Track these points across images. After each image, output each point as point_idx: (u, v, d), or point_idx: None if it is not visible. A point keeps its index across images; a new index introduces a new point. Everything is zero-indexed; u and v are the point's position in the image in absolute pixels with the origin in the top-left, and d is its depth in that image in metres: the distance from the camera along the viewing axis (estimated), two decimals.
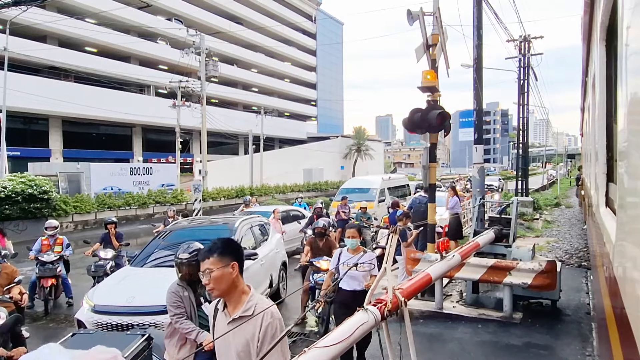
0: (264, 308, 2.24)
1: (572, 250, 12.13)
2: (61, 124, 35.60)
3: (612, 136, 3.20)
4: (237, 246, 2.40)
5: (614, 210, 2.74)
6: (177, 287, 4.04)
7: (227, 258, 2.25)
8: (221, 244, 2.30)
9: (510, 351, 5.82)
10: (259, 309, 2.23)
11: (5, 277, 5.12)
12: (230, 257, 2.27)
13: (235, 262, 2.27)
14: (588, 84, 5.84)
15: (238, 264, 2.29)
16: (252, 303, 2.26)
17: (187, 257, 4.05)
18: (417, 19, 7.57)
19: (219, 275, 2.22)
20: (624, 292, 1.84)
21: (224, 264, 2.23)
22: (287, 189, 36.44)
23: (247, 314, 2.24)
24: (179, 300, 3.97)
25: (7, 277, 5.13)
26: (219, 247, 2.28)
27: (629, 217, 1.69)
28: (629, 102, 1.64)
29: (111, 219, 9.53)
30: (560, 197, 29.19)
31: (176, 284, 4.07)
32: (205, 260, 2.26)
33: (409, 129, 7.73)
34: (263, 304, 2.28)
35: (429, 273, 4.39)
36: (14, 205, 17.00)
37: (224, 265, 2.23)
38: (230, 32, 46.68)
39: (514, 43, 23.41)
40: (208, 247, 2.29)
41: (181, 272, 4.10)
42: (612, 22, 2.68)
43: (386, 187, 19.26)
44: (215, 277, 2.22)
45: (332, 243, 7.19)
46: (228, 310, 2.32)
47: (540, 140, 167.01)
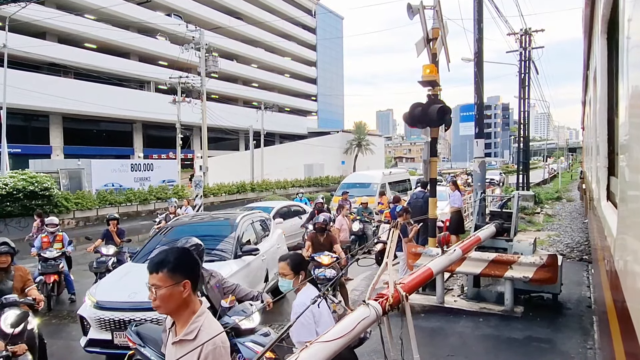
0: (209, 333, 1.96)
1: (573, 244, 12.14)
2: (62, 121, 35.60)
3: (613, 129, 3.19)
4: (191, 261, 2.08)
5: (615, 204, 2.74)
6: None
7: (179, 275, 1.96)
8: (173, 259, 1.99)
9: (511, 345, 5.84)
10: (202, 333, 1.96)
11: (20, 279, 4.93)
12: (182, 274, 1.97)
13: (187, 280, 1.98)
14: (589, 77, 5.82)
15: (191, 282, 2.00)
16: (196, 326, 1.99)
17: None
18: (418, 12, 7.54)
19: (167, 294, 1.94)
20: (625, 286, 1.84)
21: (174, 282, 1.94)
22: (287, 184, 36.45)
23: (188, 338, 1.97)
24: None
25: (21, 279, 4.93)
26: (170, 261, 1.97)
27: (630, 210, 1.69)
28: (630, 96, 1.63)
29: (113, 215, 9.55)
30: (562, 191, 29.18)
31: None
32: (153, 274, 1.96)
33: (410, 124, 7.72)
34: (209, 328, 2.00)
35: (430, 267, 4.40)
36: (15, 203, 17.03)
37: (173, 283, 1.94)
38: (230, 28, 46.55)
39: (514, 36, 23.34)
40: (158, 260, 1.99)
41: None
42: (613, 15, 2.66)
43: (387, 182, 19.26)
44: (162, 295, 1.94)
45: (333, 238, 7.21)
46: (176, 329, 2.06)
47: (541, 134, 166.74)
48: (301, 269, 3.43)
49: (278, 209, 12.70)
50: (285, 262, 3.44)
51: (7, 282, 4.82)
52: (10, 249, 4.89)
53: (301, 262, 3.48)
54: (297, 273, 3.39)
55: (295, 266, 3.41)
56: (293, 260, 3.46)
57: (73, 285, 8.57)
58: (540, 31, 23.77)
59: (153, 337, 4.29)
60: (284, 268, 3.41)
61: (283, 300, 8.02)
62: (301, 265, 3.46)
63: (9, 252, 4.87)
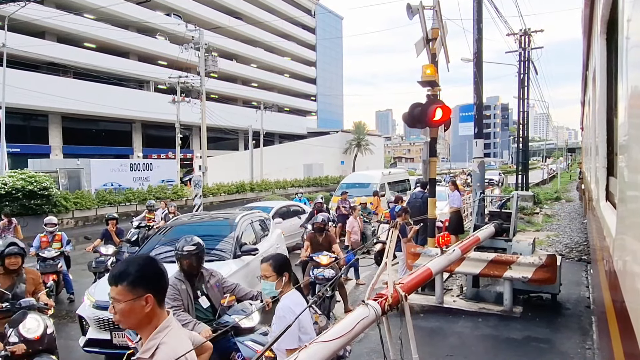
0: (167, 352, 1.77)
1: (572, 244, 12.15)
2: (61, 120, 35.56)
3: (612, 130, 3.20)
4: (155, 273, 1.87)
5: (614, 204, 2.74)
6: (174, 280, 4.09)
7: (140, 289, 1.78)
8: (134, 270, 1.81)
9: (510, 345, 5.84)
10: (160, 351, 1.77)
11: (32, 282, 4.79)
12: (144, 287, 1.79)
13: (149, 294, 1.80)
14: (588, 77, 5.82)
15: (155, 295, 1.81)
16: (154, 343, 1.80)
17: (190, 250, 4.11)
18: (417, 13, 7.54)
19: (127, 308, 1.77)
20: (624, 286, 1.84)
21: (135, 296, 1.77)
22: (287, 184, 36.45)
23: (144, 357, 1.80)
24: (177, 293, 4.03)
25: (33, 282, 4.80)
26: (130, 274, 1.80)
27: (629, 211, 1.69)
28: (629, 96, 1.64)
29: (112, 215, 9.54)
30: (561, 191, 29.20)
31: (174, 277, 4.12)
32: (112, 287, 1.82)
33: (409, 124, 7.72)
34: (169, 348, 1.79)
35: (429, 267, 4.40)
36: (14, 202, 17.01)
37: (134, 297, 1.77)
38: (230, 27, 46.54)
39: (514, 37, 23.36)
40: (118, 271, 1.83)
41: (182, 265, 4.15)
42: (612, 15, 2.67)
43: (386, 182, 19.26)
44: (122, 310, 1.78)
45: (332, 238, 7.21)
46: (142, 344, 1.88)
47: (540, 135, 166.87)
48: (285, 270, 3.23)
49: (277, 209, 12.69)
50: (267, 264, 3.24)
51: (21, 286, 4.70)
52: (21, 250, 4.71)
53: (284, 263, 3.28)
54: (280, 275, 3.19)
55: (278, 267, 3.20)
56: (276, 261, 3.26)
57: (72, 285, 8.56)
58: (540, 31, 23.80)
59: None
60: (267, 270, 3.21)
61: None
62: (285, 266, 3.26)
63: (19, 254, 4.70)
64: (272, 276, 3.20)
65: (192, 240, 4.18)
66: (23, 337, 4.11)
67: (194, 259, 4.16)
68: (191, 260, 4.13)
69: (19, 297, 4.55)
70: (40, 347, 4.18)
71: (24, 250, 4.78)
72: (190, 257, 4.12)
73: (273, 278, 3.20)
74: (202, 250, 4.22)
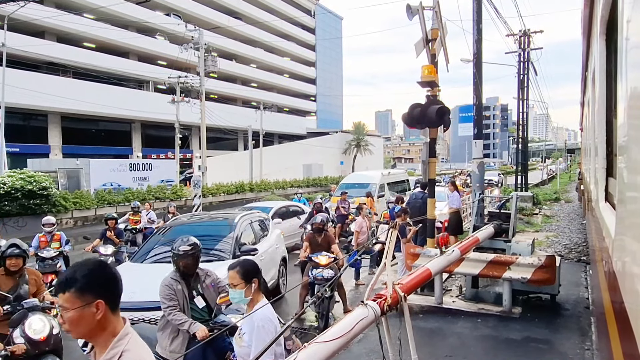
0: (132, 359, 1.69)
1: (571, 245, 12.15)
2: (60, 120, 35.55)
3: (611, 131, 3.20)
4: (106, 278, 1.74)
5: (613, 205, 2.74)
6: (170, 280, 4.09)
7: (89, 295, 1.65)
8: (82, 276, 1.67)
9: (509, 345, 5.84)
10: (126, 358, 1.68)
11: (34, 283, 4.75)
12: (94, 293, 1.66)
13: (100, 299, 1.66)
14: (588, 78, 5.83)
15: (107, 300, 1.68)
16: (117, 351, 1.69)
17: (186, 250, 4.10)
18: (417, 13, 7.55)
19: (76, 317, 1.64)
20: (623, 287, 1.84)
21: (84, 303, 1.64)
22: (286, 184, 36.45)
23: None
24: (172, 293, 4.03)
25: (35, 283, 4.77)
26: (77, 279, 1.66)
27: (629, 211, 1.69)
28: (629, 97, 1.64)
29: (112, 215, 9.53)
30: (560, 192, 29.22)
31: (170, 277, 4.12)
32: (59, 294, 1.68)
33: (409, 124, 7.73)
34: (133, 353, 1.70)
35: (428, 268, 4.41)
36: (13, 202, 17.00)
37: (83, 304, 1.64)
38: (229, 27, 46.57)
39: (513, 37, 23.36)
40: (64, 278, 1.70)
41: (177, 265, 4.14)
42: (612, 16, 2.67)
43: (386, 183, 19.25)
44: (70, 318, 1.64)
45: (331, 238, 7.20)
46: (95, 353, 1.76)
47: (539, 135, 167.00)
48: (253, 277, 3.00)
49: (277, 209, 12.69)
50: (234, 271, 2.99)
51: (24, 287, 4.67)
52: (22, 252, 4.68)
53: (253, 269, 3.05)
54: (249, 282, 2.96)
55: (246, 274, 2.97)
56: (243, 267, 3.02)
57: None
58: (539, 32, 23.80)
59: (148, 336, 4.28)
60: (234, 277, 2.97)
61: (282, 300, 8.02)
62: (253, 272, 3.03)
63: (21, 255, 4.67)
64: (240, 284, 2.97)
65: (189, 241, 4.16)
66: (29, 338, 4.09)
67: (190, 259, 4.15)
68: (187, 260, 4.12)
69: (22, 299, 4.52)
70: (47, 347, 4.16)
71: (25, 252, 4.76)
72: (186, 258, 4.11)
73: (241, 286, 2.97)
74: (198, 251, 4.21)
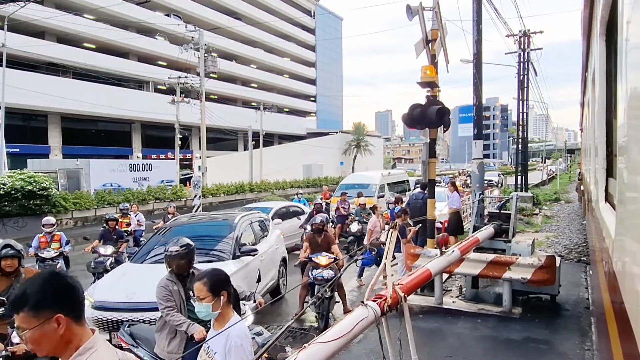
0: None
1: (571, 246, 12.15)
2: (60, 121, 35.55)
3: (611, 131, 3.20)
4: (62, 289, 1.61)
5: (613, 206, 2.74)
6: (166, 282, 4.10)
7: (46, 311, 1.54)
8: (34, 292, 1.55)
9: (509, 346, 5.84)
10: None
11: None
12: (51, 308, 1.54)
13: (60, 314, 1.55)
14: (588, 79, 5.83)
15: (66, 314, 1.57)
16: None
17: (177, 250, 4.11)
18: (417, 14, 7.55)
19: (37, 335, 1.54)
20: (623, 287, 1.84)
21: (42, 320, 1.53)
22: (286, 184, 36.46)
23: None
24: (169, 294, 4.04)
25: None
26: (28, 297, 1.55)
27: (629, 212, 1.69)
28: (628, 97, 1.64)
29: (112, 215, 9.53)
30: (560, 192, 29.22)
31: (166, 279, 4.12)
32: (15, 315, 1.58)
33: (409, 125, 7.73)
34: None
35: (428, 268, 4.41)
36: (13, 202, 17.00)
37: (41, 322, 1.53)
38: (229, 28, 46.58)
39: (513, 38, 23.36)
40: (16, 296, 1.59)
41: (170, 267, 4.14)
42: (612, 17, 2.67)
43: (386, 183, 19.26)
44: (31, 339, 1.54)
45: (331, 239, 7.20)
46: None
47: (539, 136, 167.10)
48: (222, 289, 2.72)
49: (277, 210, 12.69)
50: (201, 283, 2.70)
51: None
52: (16, 252, 4.62)
53: (222, 280, 2.77)
54: (217, 295, 2.69)
55: (214, 286, 2.69)
56: (212, 278, 2.73)
57: None
58: (539, 33, 23.81)
59: (146, 337, 4.29)
60: (200, 290, 2.68)
61: (282, 300, 8.03)
62: (222, 283, 2.75)
63: (16, 256, 4.61)
64: (208, 297, 2.66)
65: (181, 242, 4.17)
66: None
67: (183, 261, 4.15)
68: (179, 261, 4.12)
69: None
70: None
71: (20, 252, 4.74)
72: (177, 258, 4.11)
73: (209, 299, 2.66)
74: (191, 252, 4.21)
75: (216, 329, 2.72)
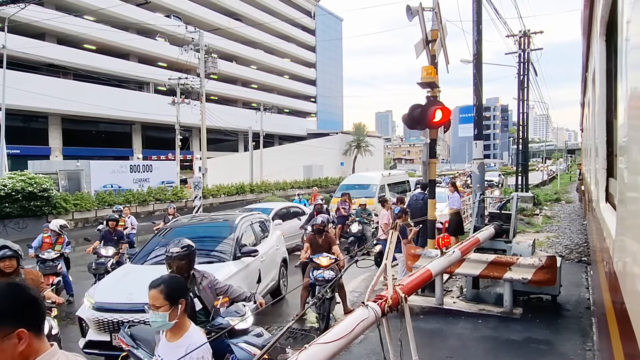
0: None
1: (572, 246, 12.14)
2: (60, 122, 35.57)
3: (612, 131, 3.20)
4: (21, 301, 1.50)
5: (614, 206, 2.74)
6: None
7: (6, 326, 1.43)
8: None
9: (510, 346, 5.84)
10: None
11: (32, 283, 4.66)
12: (12, 323, 1.44)
13: (21, 328, 1.44)
14: (588, 79, 5.83)
15: (28, 328, 1.46)
16: None
17: (177, 251, 4.11)
18: (417, 14, 7.55)
19: None
20: (624, 287, 1.84)
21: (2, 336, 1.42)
22: (287, 185, 36.45)
23: None
24: None
25: (33, 283, 4.69)
26: None
27: (629, 212, 1.69)
28: (629, 97, 1.64)
29: (113, 216, 9.53)
30: (560, 192, 29.21)
31: None
32: None
33: (409, 125, 7.72)
34: None
35: (429, 269, 4.41)
36: (14, 204, 17.00)
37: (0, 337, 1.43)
38: (229, 29, 46.58)
39: (513, 38, 23.37)
40: None
41: (171, 268, 4.14)
42: (612, 17, 2.67)
43: (386, 184, 19.25)
44: None
45: (332, 239, 7.20)
46: None
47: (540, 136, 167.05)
48: (180, 297, 2.53)
49: (277, 210, 12.69)
50: (157, 290, 2.51)
51: None
52: (14, 253, 4.65)
53: (179, 288, 2.61)
54: (174, 303, 2.49)
55: (171, 294, 2.49)
56: (168, 286, 2.54)
57: (72, 286, 8.56)
58: (539, 33, 23.81)
59: (146, 338, 4.29)
60: (156, 298, 2.48)
61: (282, 301, 8.02)
62: (180, 291, 2.58)
63: (14, 256, 4.65)
64: (164, 306, 2.47)
65: (181, 243, 4.17)
66: None
67: (183, 262, 4.14)
68: (180, 262, 4.12)
69: None
70: None
71: (17, 253, 4.73)
72: (178, 260, 4.11)
73: (165, 308, 2.47)
74: (192, 253, 4.20)
75: (170, 340, 2.54)
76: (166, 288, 2.52)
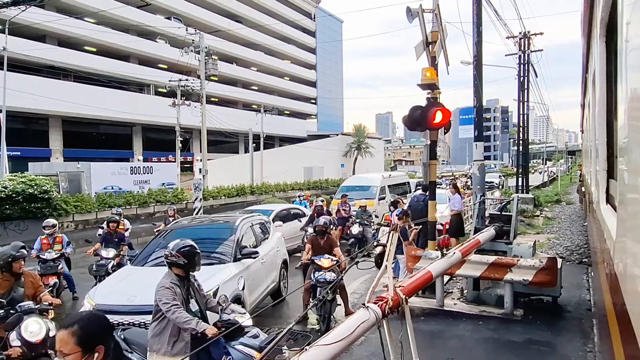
0: None
1: (572, 247, 12.13)
2: (61, 124, 35.58)
3: (612, 132, 3.20)
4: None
5: (614, 207, 2.74)
6: (170, 283, 4.11)
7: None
8: None
9: (511, 348, 5.83)
10: None
11: (31, 285, 4.73)
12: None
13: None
14: (588, 80, 5.83)
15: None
16: None
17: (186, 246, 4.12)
18: (417, 16, 7.56)
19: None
20: (624, 289, 1.84)
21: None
22: (287, 187, 36.43)
23: None
24: (175, 295, 4.03)
25: (32, 285, 4.74)
26: None
27: (630, 213, 1.69)
28: (629, 99, 1.64)
29: (113, 217, 9.53)
30: (561, 194, 29.19)
31: (169, 281, 4.13)
32: None
33: (409, 127, 7.72)
34: None
35: (429, 270, 4.41)
36: (14, 205, 17.00)
37: None
38: (230, 31, 46.63)
39: (513, 40, 23.38)
40: None
41: (172, 269, 4.15)
42: (612, 18, 2.67)
43: (386, 185, 19.26)
44: None
45: (333, 241, 7.20)
46: None
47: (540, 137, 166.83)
48: (98, 343, 1.89)
49: (277, 212, 12.69)
50: (67, 332, 1.87)
51: (19, 290, 4.63)
52: (23, 253, 4.71)
53: (99, 331, 1.95)
54: (88, 350, 1.87)
55: (85, 339, 1.87)
56: (83, 328, 1.89)
57: (74, 284, 8.60)
58: (539, 34, 23.83)
59: (140, 342, 4.28)
60: (65, 342, 1.86)
61: (283, 303, 8.02)
62: (99, 336, 1.92)
63: (23, 256, 4.69)
64: (75, 353, 1.85)
65: (184, 242, 4.18)
66: (25, 341, 4.09)
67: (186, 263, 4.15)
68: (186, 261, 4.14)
69: (16, 301, 4.49)
70: (43, 350, 4.16)
71: (24, 253, 4.80)
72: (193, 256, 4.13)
73: (76, 356, 1.85)
74: (197, 255, 4.22)
75: None
76: (80, 330, 1.88)
